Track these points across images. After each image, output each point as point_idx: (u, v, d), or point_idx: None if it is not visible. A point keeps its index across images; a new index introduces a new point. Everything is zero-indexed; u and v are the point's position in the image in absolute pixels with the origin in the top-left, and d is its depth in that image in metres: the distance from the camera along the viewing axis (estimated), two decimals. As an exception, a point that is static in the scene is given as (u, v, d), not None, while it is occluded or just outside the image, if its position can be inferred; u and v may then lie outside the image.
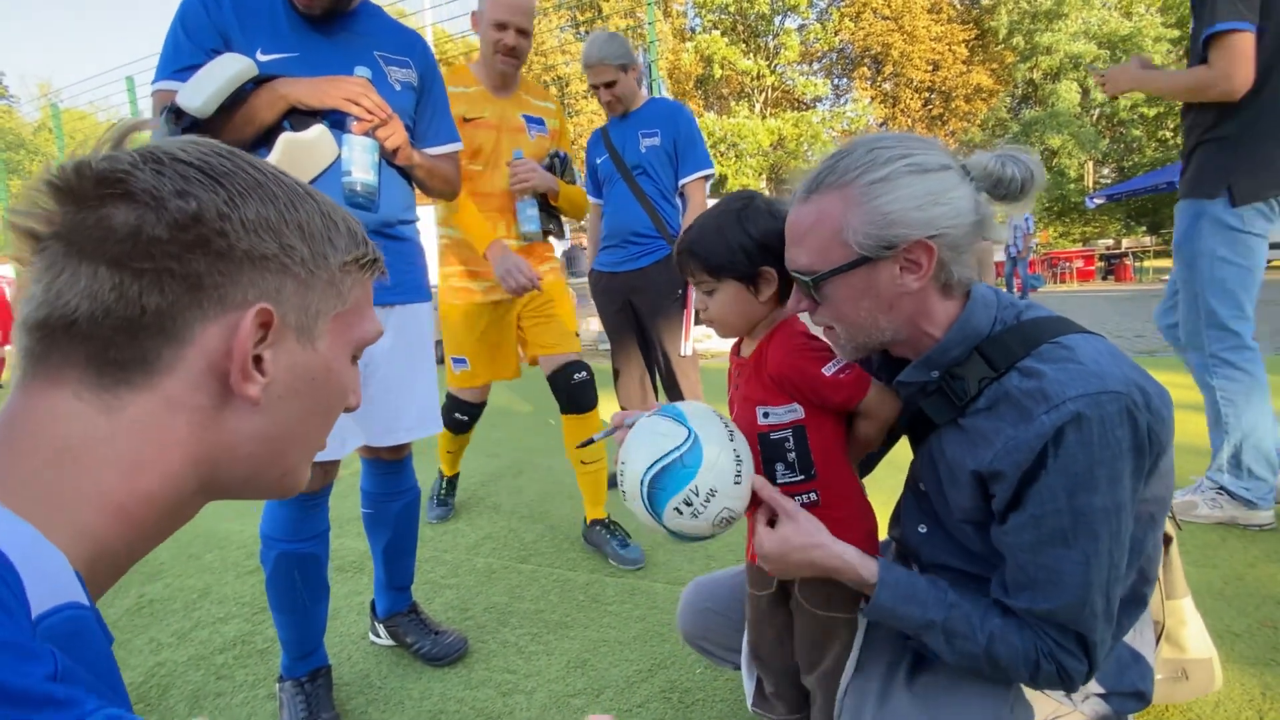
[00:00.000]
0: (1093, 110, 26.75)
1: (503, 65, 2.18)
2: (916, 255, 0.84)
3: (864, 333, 0.90)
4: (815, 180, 0.88)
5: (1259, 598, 1.74)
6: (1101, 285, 14.56)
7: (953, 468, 0.90)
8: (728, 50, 25.98)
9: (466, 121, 2.14)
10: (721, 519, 0.93)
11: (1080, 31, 25.71)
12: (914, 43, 27.75)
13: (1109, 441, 0.76)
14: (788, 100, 29.09)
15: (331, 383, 0.53)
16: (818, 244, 0.87)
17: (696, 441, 0.93)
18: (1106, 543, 0.78)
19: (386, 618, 1.81)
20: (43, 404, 0.43)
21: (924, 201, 0.82)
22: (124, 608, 2.17)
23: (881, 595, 0.89)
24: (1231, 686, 1.41)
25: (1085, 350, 0.81)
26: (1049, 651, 0.82)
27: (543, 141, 2.32)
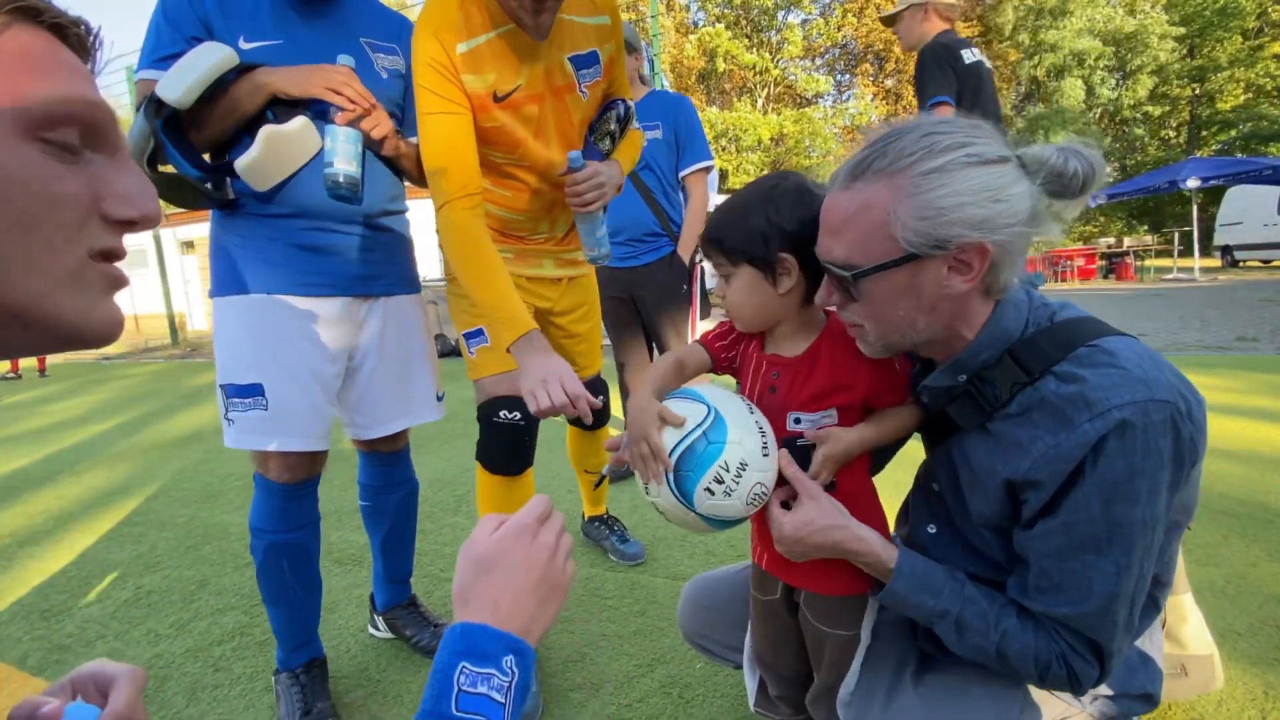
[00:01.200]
0: (1096, 108, 26.69)
1: (534, 19, 1.28)
2: (969, 256, 0.76)
3: (898, 333, 0.83)
4: (861, 164, 0.79)
5: (1261, 596, 1.74)
6: (1102, 284, 14.53)
7: (979, 474, 0.86)
8: (730, 44, 25.89)
9: (499, 100, 1.35)
10: (754, 494, 0.88)
11: (1085, 29, 25.62)
12: (917, 39, 27.60)
13: (1151, 451, 0.73)
14: (790, 95, 29.01)
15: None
16: (859, 236, 0.79)
17: (719, 416, 0.88)
18: (1139, 554, 0.76)
19: (386, 610, 1.80)
20: None
21: (983, 197, 0.74)
22: (121, 599, 2.17)
23: (898, 582, 0.87)
24: (1234, 685, 1.41)
25: (1127, 355, 0.76)
26: (1061, 654, 0.80)
27: (596, 91, 1.48)
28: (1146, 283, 13.80)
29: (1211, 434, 2.81)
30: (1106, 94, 26.42)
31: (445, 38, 1.28)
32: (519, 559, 0.61)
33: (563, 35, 1.38)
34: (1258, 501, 2.35)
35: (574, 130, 1.49)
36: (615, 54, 1.49)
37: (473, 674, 0.52)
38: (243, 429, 1.40)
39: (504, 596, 0.59)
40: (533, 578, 0.61)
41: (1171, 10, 25.51)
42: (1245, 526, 2.16)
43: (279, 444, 1.40)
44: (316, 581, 1.55)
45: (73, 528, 2.96)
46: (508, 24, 1.31)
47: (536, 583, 0.61)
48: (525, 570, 0.61)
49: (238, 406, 1.40)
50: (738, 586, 1.24)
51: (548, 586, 0.62)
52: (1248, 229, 15.66)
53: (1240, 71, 25.04)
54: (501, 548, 0.61)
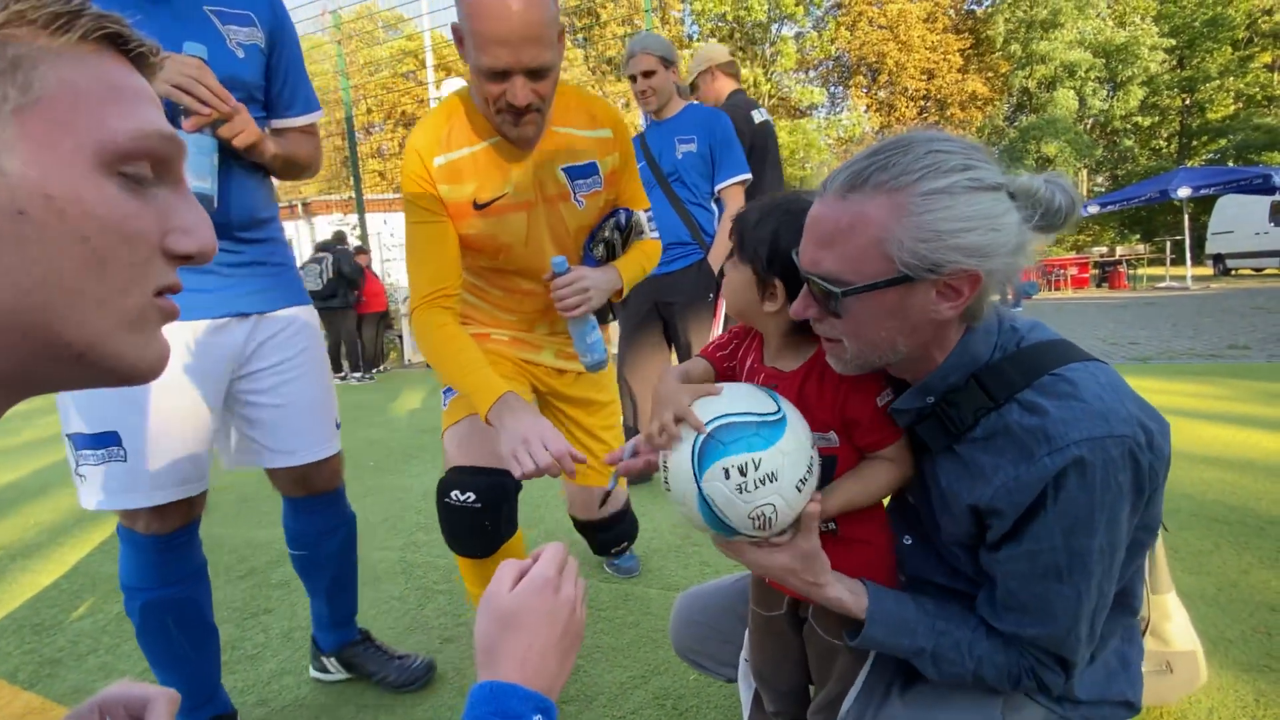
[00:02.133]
0: (1087, 119, 26.96)
1: (517, 130, 1.27)
2: (959, 283, 0.75)
3: (877, 353, 0.82)
4: (860, 175, 0.75)
5: (1252, 604, 1.75)
6: (1095, 292, 14.62)
7: (946, 497, 0.87)
8: (725, 57, 26.09)
9: (479, 208, 1.34)
10: (761, 513, 0.80)
11: (1076, 40, 25.92)
12: (909, 52, 27.95)
13: (1110, 486, 0.74)
14: (785, 108, 29.22)
15: (69, 214, 0.37)
16: (854, 251, 0.76)
17: (784, 421, 0.82)
18: (1098, 578, 0.78)
19: (338, 650, 1.66)
20: None
21: (983, 225, 0.73)
22: (113, 613, 2.15)
23: (871, 630, 0.87)
24: (1225, 693, 1.41)
25: (1089, 386, 0.76)
26: (1030, 668, 0.83)
27: (596, 201, 1.46)
28: (1139, 291, 13.89)
29: (1203, 441, 2.85)
30: (1098, 105, 26.69)
31: (424, 152, 1.31)
32: (544, 615, 0.60)
33: (556, 146, 1.38)
34: (1249, 509, 2.36)
35: (569, 238, 1.46)
36: (620, 166, 1.47)
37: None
38: (99, 486, 1.20)
39: (530, 654, 0.58)
40: (556, 632, 0.60)
41: (1161, 22, 25.84)
42: (1237, 534, 2.17)
43: (147, 499, 1.22)
44: (210, 633, 1.39)
45: (65, 541, 2.94)
46: (493, 136, 1.32)
47: (560, 637, 0.60)
48: (549, 626, 0.59)
49: (89, 459, 1.20)
50: (730, 599, 1.23)
51: (570, 639, 0.61)
52: (1239, 237, 15.78)
53: (1230, 82, 25.34)
54: (526, 604, 0.60)
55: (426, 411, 5.73)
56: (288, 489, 1.51)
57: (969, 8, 29.78)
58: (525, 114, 1.24)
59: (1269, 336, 6.35)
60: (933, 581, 0.95)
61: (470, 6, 1.15)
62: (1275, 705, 1.37)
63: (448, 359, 1.30)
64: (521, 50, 1.15)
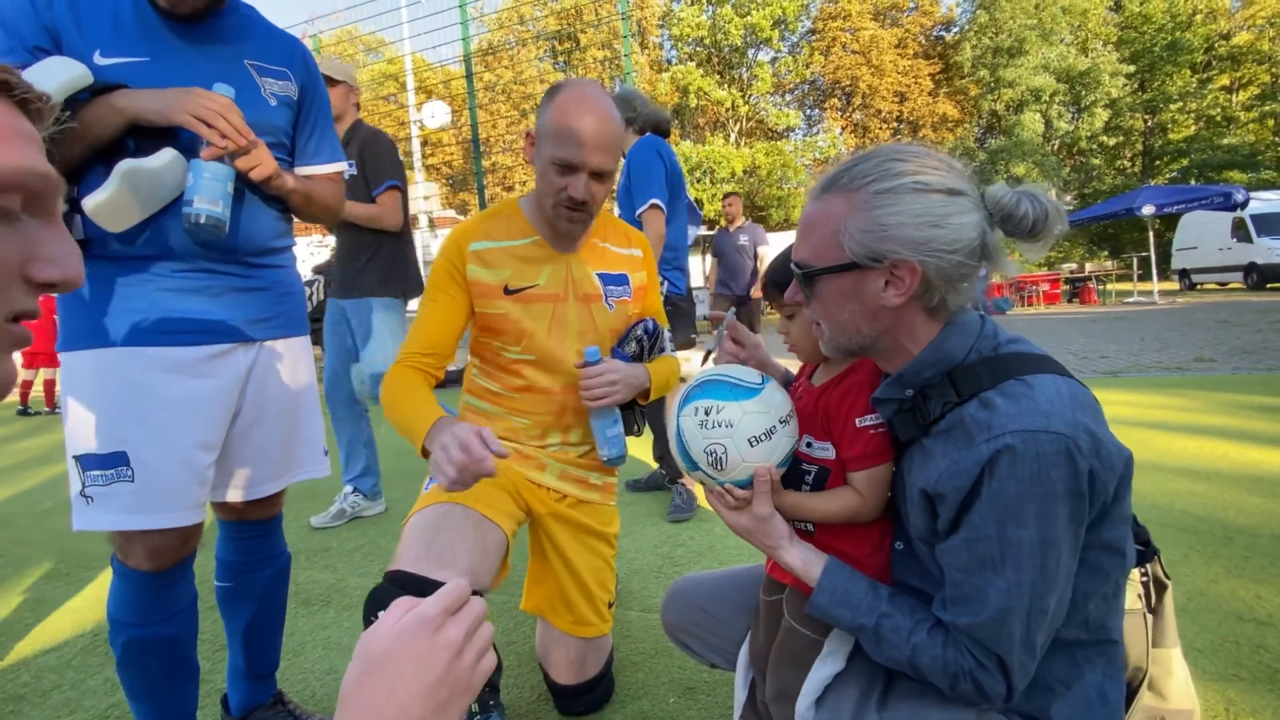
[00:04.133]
0: (1054, 140, 27.74)
1: (568, 225, 1.40)
2: (901, 273, 0.86)
3: (845, 334, 0.93)
4: (831, 180, 0.90)
5: (1221, 613, 1.78)
6: (1067, 308, 14.93)
7: (907, 485, 0.94)
8: (703, 81, 26.54)
9: (510, 293, 1.42)
10: (711, 450, 0.97)
11: (1040, 66, 26.76)
12: (881, 76, 28.67)
13: (1041, 479, 0.77)
14: (762, 130, 29.72)
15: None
16: (818, 240, 0.90)
17: (756, 391, 0.99)
18: (1030, 574, 0.79)
19: (244, 713, 1.53)
20: None
21: (922, 221, 0.84)
22: (78, 647, 2.09)
23: (818, 597, 0.96)
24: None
25: (1045, 391, 0.81)
26: (969, 669, 0.84)
27: (624, 309, 1.55)
28: (1109, 306, 14.21)
29: (1170, 453, 2.91)
30: (1064, 126, 27.50)
31: (463, 235, 1.44)
32: (411, 658, 0.52)
33: (593, 254, 1.53)
34: (1216, 518, 2.41)
35: (597, 336, 1.51)
36: (648, 285, 1.63)
37: None
38: (106, 507, 1.19)
39: (388, 704, 0.50)
40: (427, 681, 0.51)
41: (1123, 46, 26.79)
42: (1205, 544, 2.21)
43: (150, 521, 1.20)
44: (191, 673, 1.35)
45: (29, 571, 2.86)
46: (534, 235, 1.47)
47: (432, 686, 0.51)
48: (418, 673, 0.51)
49: (98, 480, 1.19)
50: (724, 587, 1.30)
51: (449, 690, 0.52)
52: (1203, 253, 16.27)
53: (1190, 103, 26.27)
54: (396, 645, 0.52)
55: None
56: (223, 514, 1.46)
57: (938, 34, 30.69)
58: (579, 210, 1.38)
59: (1233, 349, 6.53)
60: (909, 585, 0.99)
61: (564, 105, 1.33)
62: (1245, 714, 1.39)
63: (395, 400, 1.33)
64: (594, 153, 1.33)
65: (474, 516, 1.32)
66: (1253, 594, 1.86)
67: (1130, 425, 3.73)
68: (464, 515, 1.32)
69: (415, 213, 10.78)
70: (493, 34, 24.73)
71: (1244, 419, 3.81)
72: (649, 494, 3.33)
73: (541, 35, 25.90)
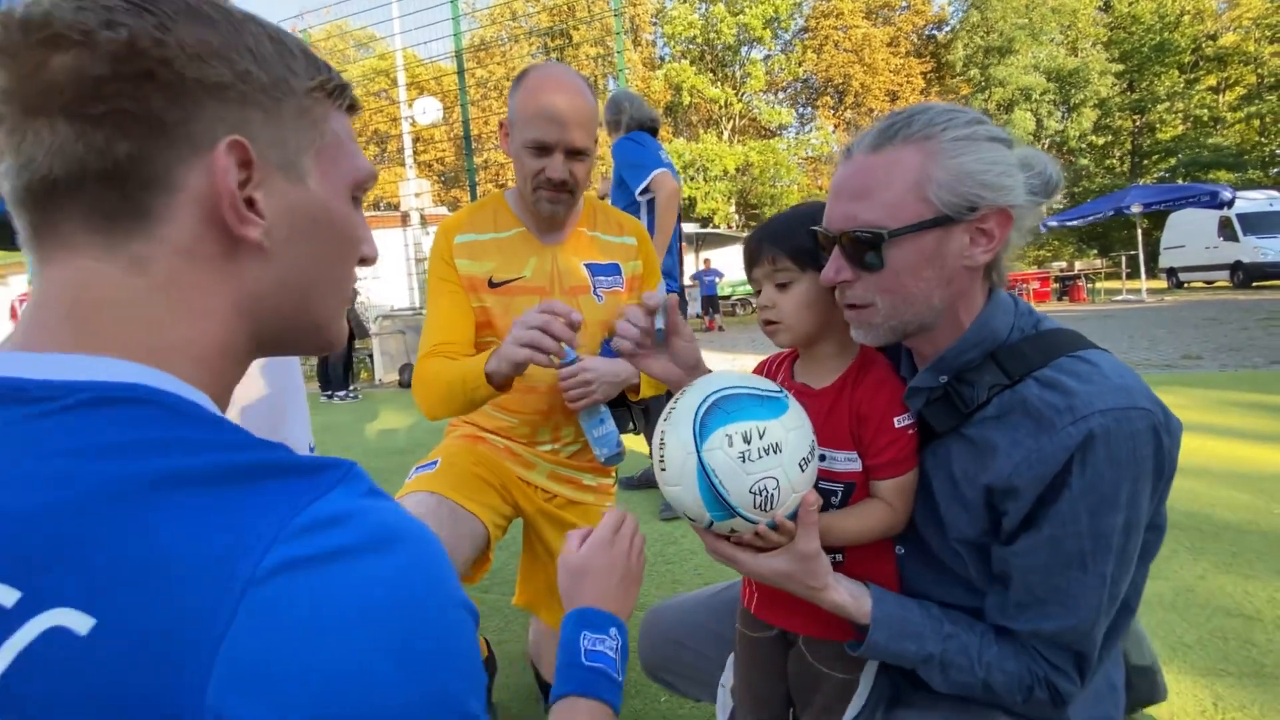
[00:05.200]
0: (1044, 139, 27.92)
1: (550, 206, 1.37)
2: (990, 225, 0.78)
3: (912, 309, 0.81)
4: (886, 133, 0.80)
5: (1209, 609, 1.79)
6: (1056, 306, 15.03)
7: (959, 483, 0.83)
8: (696, 79, 26.56)
9: (494, 286, 1.41)
10: (762, 487, 0.75)
11: (1031, 65, 26.93)
12: (874, 74, 28.77)
13: (1135, 459, 0.73)
14: (754, 127, 29.78)
15: (335, 223, 0.53)
16: (892, 198, 0.78)
17: (786, 399, 0.81)
18: (1119, 563, 0.75)
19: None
20: (77, 275, 0.44)
21: (1003, 169, 0.77)
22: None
23: (876, 634, 0.83)
24: (1184, 698, 1.44)
25: (1109, 365, 0.77)
26: (1044, 676, 0.79)
27: (616, 300, 1.50)
28: (1098, 304, 14.32)
29: (1156, 450, 2.84)
30: (1054, 125, 27.70)
31: (449, 229, 1.44)
32: (603, 565, 0.81)
33: (581, 244, 1.49)
34: (1204, 515, 2.43)
35: (585, 330, 1.42)
36: (643, 274, 1.56)
37: (592, 638, 0.73)
38: None
39: (599, 594, 0.79)
40: (615, 577, 0.81)
41: (1111, 48, 26.99)
42: (1193, 540, 2.23)
43: None
44: None
45: None
46: (519, 227, 1.45)
47: (620, 580, 0.81)
48: (609, 573, 0.81)
49: None
50: (703, 615, 1.18)
51: (629, 580, 0.83)
52: (1190, 252, 16.43)
53: (1178, 104, 26.50)
54: (589, 560, 0.82)
55: (397, 432, 5.65)
56: None
57: (929, 33, 30.83)
58: (561, 191, 1.35)
59: (1220, 346, 6.59)
60: (927, 596, 0.91)
61: (533, 86, 1.31)
62: (1233, 708, 1.40)
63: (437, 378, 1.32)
64: (567, 130, 1.30)
65: (449, 505, 1.30)
66: (1240, 589, 1.87)
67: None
68: (437, 503, 1.30)
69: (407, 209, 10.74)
70: (485, 29, 24.62)
71: (1231, 416, 3.84)
72: (641, 491, 3.32)
73: (534, 31, 25.82)
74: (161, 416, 0.40)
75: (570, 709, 0.67)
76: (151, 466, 0.36)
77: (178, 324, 0.46)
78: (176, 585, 0.33)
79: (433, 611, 0.38)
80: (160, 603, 0.33)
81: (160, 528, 0.34)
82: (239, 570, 0.34)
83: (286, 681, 0.33)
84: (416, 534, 0.40)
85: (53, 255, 0.44)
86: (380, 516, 0.39)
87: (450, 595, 0.40)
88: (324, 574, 0.35)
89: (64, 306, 0.44)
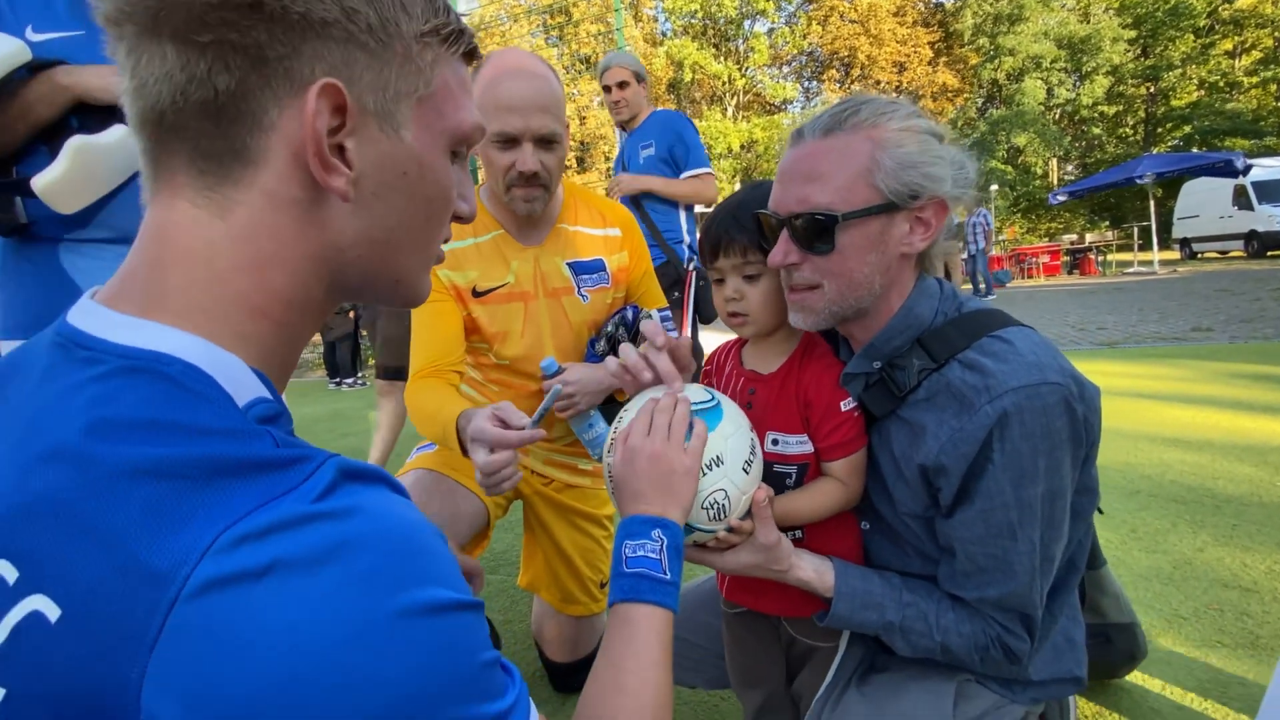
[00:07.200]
0: (1055, 108, 27.39)
1: (526, 205, 1.30)
2: (928, 214, 0.83)
3: (855, 292, 0.85)
4: (835, 120, 0.83)
5: (1206, 581, 1.80)
6: (1066, 280, 14.87)
7: (899, 462, 0.89)
8: (698, 55, 26.18)
9: (478, 296, 1.35)
10: (713, 501, 0.79)
11: (1041, 32, 26.31)
12: (880, 45, 28.21)
13: (1049, 431, 0.77)
14: (759, 103, 29.38)
15: (427, 179, 0.50)
16: (844, 182, 0.81)
17: (719, 407, 0.84)
18: (1041, 528, 0.81)
19: None
20: (169, 216, 0.44)
21: (939, 160, 0.82)
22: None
23: (838, 606, 0.89)
24: (1178, 669, 1.46)
25: (1023, 344, 0.81)
26: (996, 637, 0.85)
27: (602, 297, 1.45)
28: (1109, 277, 14.15)
29: (1164, 423, 2.91)
30: (1065, 94, 27.13)
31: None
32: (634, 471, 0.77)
33: (561, 242, 1.42)
34: (1206, 488, 2.43)
35: (571, 332, 1.42)
36: (631, 264, 1.49)
37: (632, 544, 0.72)
38: None
39: (635, 500, 0.76)
40: (648, 478, 0.76)
41: (1124, 13, 26.30)
42: (1194, 512, 2.23)
43: None
44: None
45: None
46: (496, 229, 1.38)
47: (657, 477, 0.76)
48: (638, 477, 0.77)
49: None
50: (689, 607, 1.20)
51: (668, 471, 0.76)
52: (1204, 221, 16.15)
53: (1193, 69, 25.87)
54: (622, 469, 0.79)
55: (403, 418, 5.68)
56: None
57: (937, 1, 30.15)
58: (533, 186, 1.28)
59: (1232, 318, 6.52)
60: (889, 567, 0.97)
61: (488, 77, 1.23)
62: (1227, 680, 1.41)
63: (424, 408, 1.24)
64: (532, 117, 1.22)
65: (448, 484, 1.31)
66: (1239, 561, 1.88)
67: (1125, 396, 3.74)
68: (436, 481, 1.31)
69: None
70: (484, 9, 24.28)
71: (1238, 388, 3.81)
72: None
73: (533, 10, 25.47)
74: (168, 394, 0.39)
75: (619, 616, 0.68)
76: (138, 454, 0.36)
77: (243, 274, 0.44)
78: (125, 591, 0.33)
79: (374, 631, 0.35)
80: (112, 605, 0.33)
81: (126, 528, 0.34)
82: (172, 584, 0.33)
83: (211, 705, 0.32)
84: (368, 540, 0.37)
85: (158, 194, 0.45)
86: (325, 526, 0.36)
87: (406, 604, 0.36)
88: (250, 594, 0.33)
89: (150, 254, 0.45)
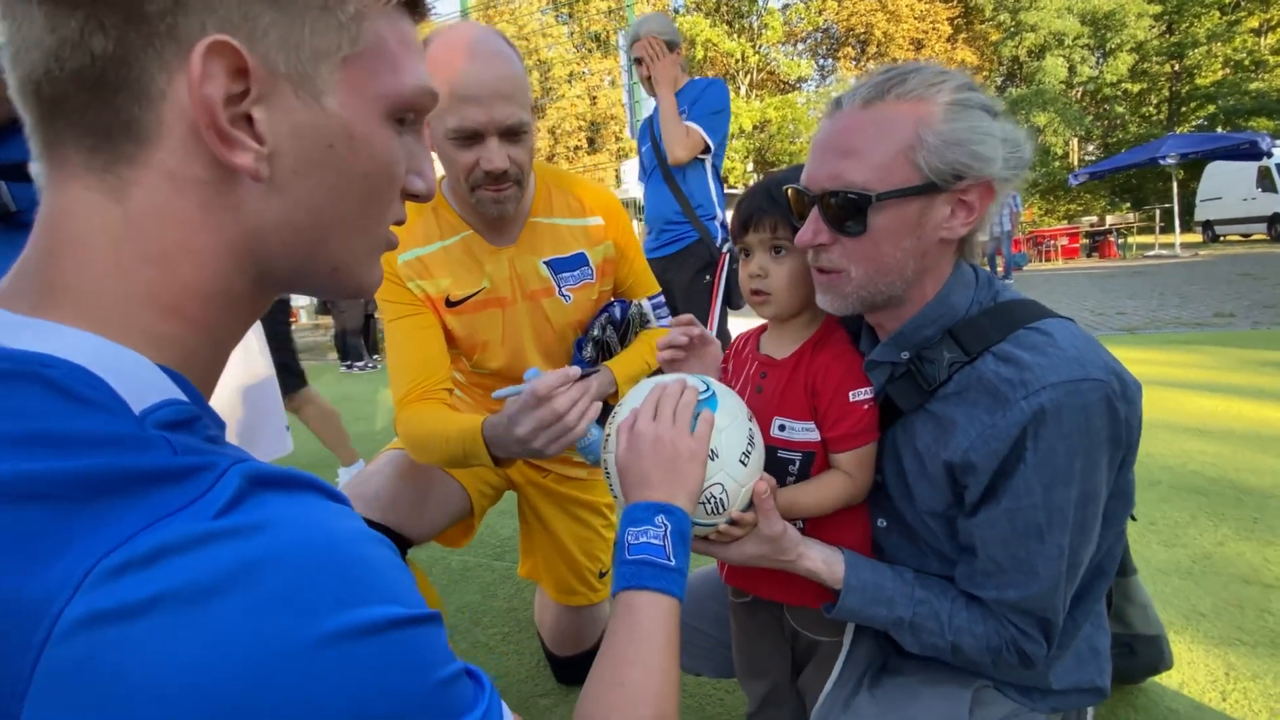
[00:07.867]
0: (1077, 87, 26.77)
1: (496, 207, 1.16)
2: (972, 197, 0.76)
3: (884, 278, 0.80)
4: (878, 90, 0.76)
5: (1226, 576, 1.75)
6: (1085, 262, 14.62)
7: (923, 458, 0.84)
8: (711, 32, 25.73)
9: (452, 306, 1.25)
10: (710, 495, 0.78)
11: (1064, 8, 25.62)
12: (897, 22, 27.59)
13: (1088, 431, 0.72)
14: (773, 82, 28.92)
15: (361, 153, 0.43)
16: (881, 159, 0.75)
17: (714, 397, 0.81)
18: (1076, 532, 0.76)
19: None
20: (61, 201, 0.39)
21: (990, 138, 0.75)
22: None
23: (848, 599, 0.86)
24: (1196, 667, 1.42)
25: (1064, 337, 0.76)
26: (1011, 640, 0.81)
27: (587, 294, 1.34)
28: (1129, 260, 13.90)
29: (1185, 411, 2.85)
30: (1088, 72, 26.48)
31: (391, 255, 1.21)
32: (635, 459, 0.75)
33: (535, 239, 1.28)
34: (1228, 479, 2.37)
35: (555, 335, 1.33)
36: (617, 255, 1.36)
37: (634, 532, 0.70)
38: None
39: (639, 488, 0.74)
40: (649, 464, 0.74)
41: (1150, -14, 25.54)
42: (1215, 505, 2.18)
43: None
44: None
45: None
46: (465, 230, 1.24)
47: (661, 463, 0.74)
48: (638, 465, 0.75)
49: None
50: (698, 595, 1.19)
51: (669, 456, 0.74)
52: (1227, 204, 15.79)
53: (1219, 47, 25.13)
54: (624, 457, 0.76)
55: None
56: None
57: (957, -25, 29.40)
58: (503, 185, 1.13)
59: (1255, 303, 6.37)
60: (906, 564, 0.94)
61: (437, 56, 1.05)
62: (1245, 678, 1.38)
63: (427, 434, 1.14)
64: (495, 107, 1.05)
65: (422, 465, 1.24)
66: (1260, 557, 1.83)
67: (1145, 384, 3.63)
68: (410, 461, 1.24)
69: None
70: (494, -13, 24.00)
71: (1261, 376, 3.72)
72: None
73: (544, -13, 25.12)
74: (45, 402, 0.34)
75: (622, 604, 0.67)
76: (5, 473, 0.31)
77: (148, 265, 0.39)
78: (4, 630, 0.29)
79: (292, 664, 0.31)
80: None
81: (3, 557, 0.30)
82: (41, 623, 0.29)
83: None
84: (281, 558, 0.32)
85: (51, 176, 0.40)
86: (226, 546, 0.32)
87: (333, 629, 0.32)
88: (131, 632, 0.29)
89: (43, 244, 0.40)
